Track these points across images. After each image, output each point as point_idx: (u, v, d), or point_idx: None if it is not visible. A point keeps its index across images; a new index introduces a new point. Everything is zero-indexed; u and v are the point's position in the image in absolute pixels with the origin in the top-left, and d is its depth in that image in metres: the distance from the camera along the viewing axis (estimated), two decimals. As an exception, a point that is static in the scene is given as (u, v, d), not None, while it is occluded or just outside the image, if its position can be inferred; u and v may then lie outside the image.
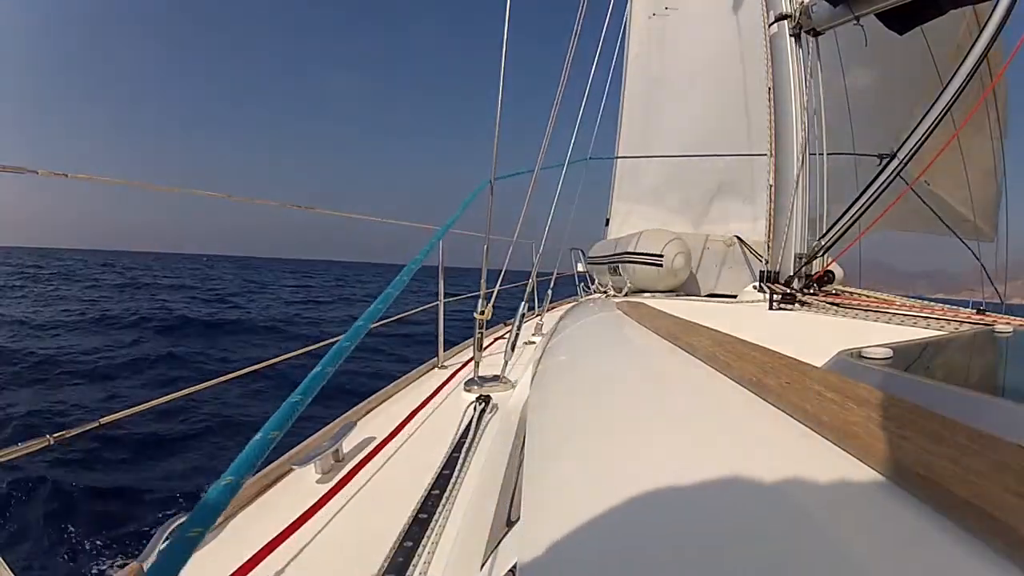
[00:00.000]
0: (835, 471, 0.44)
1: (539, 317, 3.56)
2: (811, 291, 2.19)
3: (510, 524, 0.68)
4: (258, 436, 0.59)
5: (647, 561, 0.39)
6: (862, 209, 2.12)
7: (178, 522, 1.05)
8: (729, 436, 0.55)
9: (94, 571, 2.90)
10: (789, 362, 0.78)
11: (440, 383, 2.28)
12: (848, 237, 2.27)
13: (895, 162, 2.02)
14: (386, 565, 0.80)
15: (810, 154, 2.42)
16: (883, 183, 2.06)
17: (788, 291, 2.08)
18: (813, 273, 2.27)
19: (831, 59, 3.07)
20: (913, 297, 2.12)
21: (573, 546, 0.46)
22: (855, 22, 2.27)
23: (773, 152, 2.50)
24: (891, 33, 2.30)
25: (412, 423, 1.77)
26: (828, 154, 2.46)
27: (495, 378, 1.93)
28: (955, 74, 1.88)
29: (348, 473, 1.35)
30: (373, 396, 2.05)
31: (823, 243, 2.26)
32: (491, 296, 2.01)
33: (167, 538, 0.99)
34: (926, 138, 1.93)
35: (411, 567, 0.80)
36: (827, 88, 2.53)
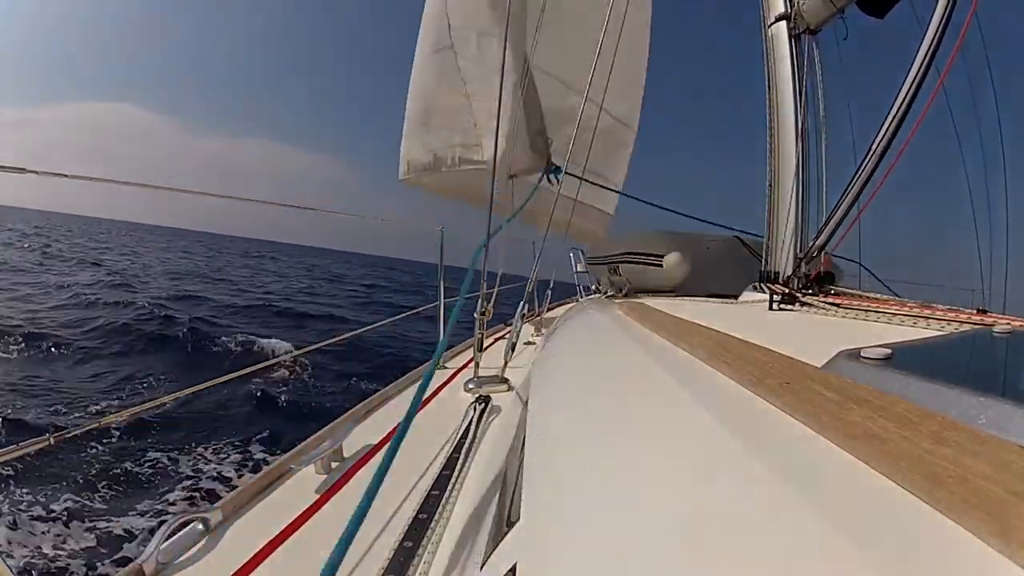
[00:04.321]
0: (835, 471, 0.44)
1: (539, 317, 3.57)
2: (811, 291, 2.19)
3: (510, 524, 0.68)
4: None
5: (646, 561, 0.39)
6: (850, 203, 2.11)
7: (179, 521, 1.05)
8: (729, 436, 0.56)
9: (94, 571, 2.90)
10: (789, 362, 0.78)
11: (440, 383, 2.28)
12: (842, 230, 2.25)
13: (877, 150, 2.00)
14: (386, 565, 0.80)
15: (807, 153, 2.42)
16: (869, 173, 2.05)
17: (788, 291, 2.08)
18: (811, 273, 2.27)
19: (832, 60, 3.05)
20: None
21: (573, 546, 0.46)
22: (840, 15, 2.28)
23: (773, 152, 2.50)
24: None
25: (412, 423, 1.76)
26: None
27: (495, 378, 1.93)
28: (924, 34, 1.81)
29: (348, 473, 1.35)
30: (373, 396, 2.05)
31: (817, 242, 2.26)
32: (491, 296, 2.01)
33: (166, 537, 0.99)
34: (902, 118, 1.89)
35: (411, 567, 0.79)
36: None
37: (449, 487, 1.05)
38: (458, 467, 1.15)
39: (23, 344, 7.30)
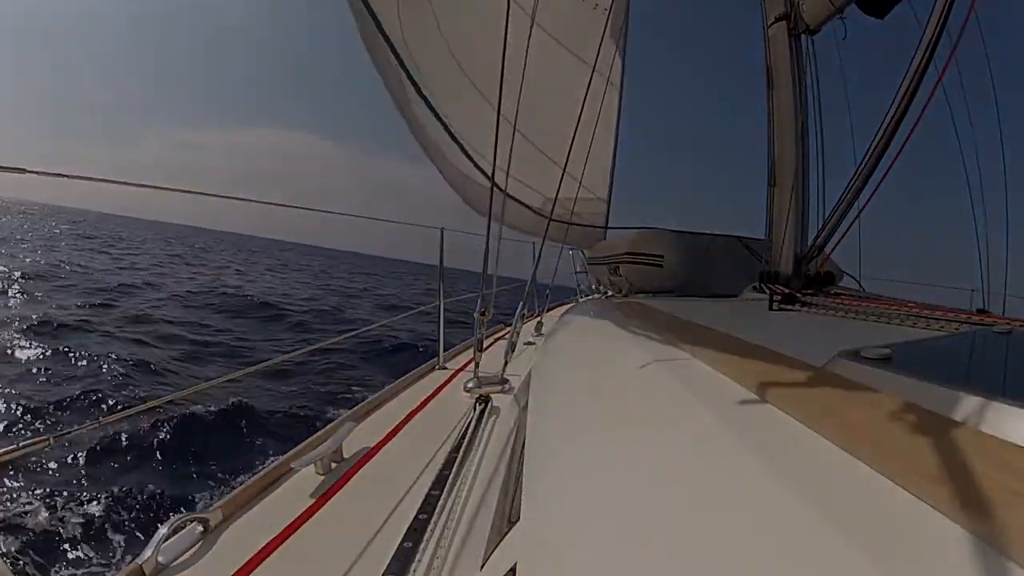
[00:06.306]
0: (835, 471, 0.44)
1: (539, 318, 3.57)
2: (811, 291, 2.19)
3: (510, 524, 0.68)
4: None
5: (646, 560, 0.39)
6: (850, 202, 2.10)
7: (179, 521, 1.05)
8: (729, 436, 0.55)
9: (94, 571, 2.90)
10: (789, 362, 0.78)
11: (440, 383, 2.28)
12: (841, 230, 2.25)
13: (877, 149, 1.99)
14: (386, 565, 0.80)
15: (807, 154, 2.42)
16: (865, 176, 2.05)
17: (788, 291, 2.08)
18: (811, 273, 2.27)
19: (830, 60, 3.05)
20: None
21: (573, 546, 0.46)
22: (839, 15, 2.29)
23: (772, 152, 2.50)
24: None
25: (412, 423, 1.77)
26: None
27: (495, 379, 1.93)
28: (920, 41, 1.81)
29: (348, 473, 1.35)
30: (373, 396, 2.05)
31: (817, 242, 2.26)
32: (491, 296, 2.01)
33: (166, 537, 0.99)
34: (901, 117, 1.89)
35: (411, 567, 0.79)
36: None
37: (449, 487, 1.05)
38: (458, 467, 1.14)
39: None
